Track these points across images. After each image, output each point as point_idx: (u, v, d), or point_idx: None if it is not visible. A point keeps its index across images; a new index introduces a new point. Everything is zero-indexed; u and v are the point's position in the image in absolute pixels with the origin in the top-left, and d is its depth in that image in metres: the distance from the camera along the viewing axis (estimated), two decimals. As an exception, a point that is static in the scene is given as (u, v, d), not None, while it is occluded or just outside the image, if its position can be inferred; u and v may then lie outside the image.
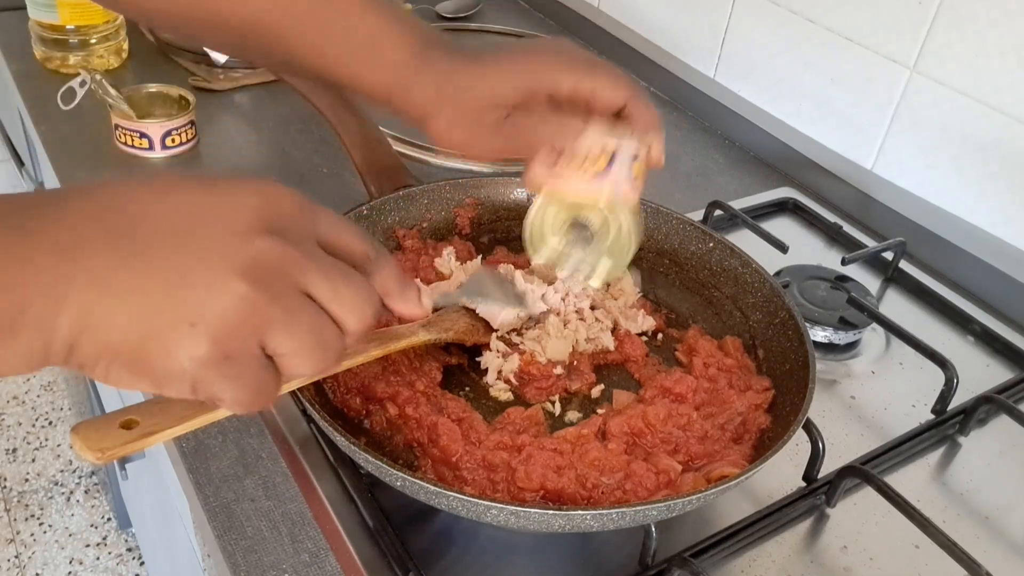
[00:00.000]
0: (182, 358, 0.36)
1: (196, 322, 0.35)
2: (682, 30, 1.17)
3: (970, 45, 0.83)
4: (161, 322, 0.35)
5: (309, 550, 0.56)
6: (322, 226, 0.41)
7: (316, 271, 0.39)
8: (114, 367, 0.36)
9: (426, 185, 0.75)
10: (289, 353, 0.38)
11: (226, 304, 0.36)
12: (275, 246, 0.37)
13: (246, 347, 0.37)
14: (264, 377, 0.38)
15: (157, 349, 0.36)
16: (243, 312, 0.36)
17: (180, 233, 0.36)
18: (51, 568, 1.74)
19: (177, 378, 0.36)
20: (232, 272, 0.36)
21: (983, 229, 0.87)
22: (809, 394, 0.58)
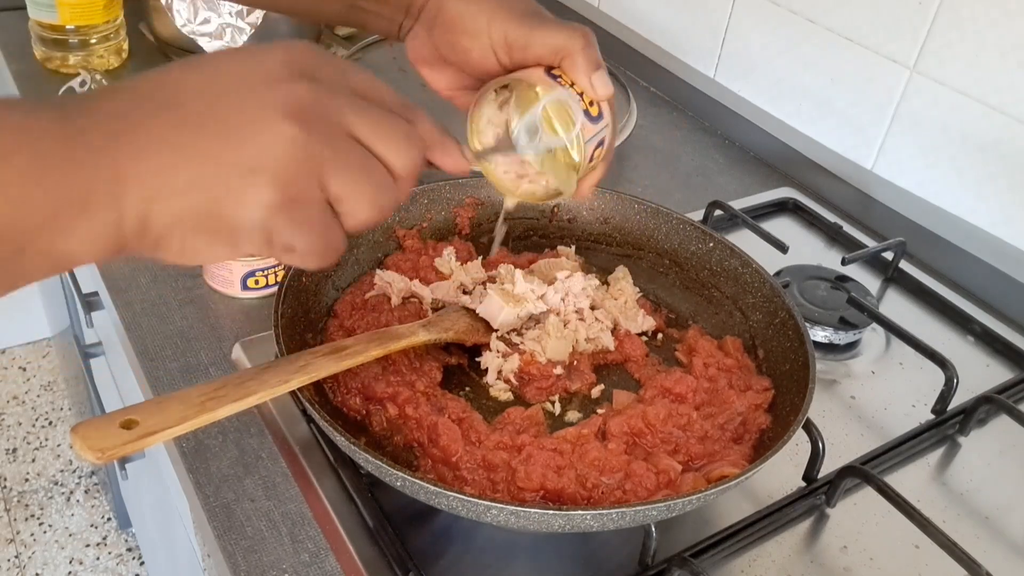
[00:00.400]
0: (251, 206, 0.37)
1: (255, 168, 0.37)
2: (682, 30, 1.17)
3: (970, 45, 0.83)
4: (222, 175, 0.36)
5: (309, 550, 0.56)
6: (353, 76, 0.41)
7: (356, 111, 0.40)
8: (189, 235, 0.37)
9: (426, 185, 0.75)
10: (348, 196, 0.39)
11: (278, 146, 0.37)
12: (311, 88, 0.38)
13: (308, 189, 0.38)
14: (331, 224, 0.39)
15: (225, 202, 0.37)
16: (296, 152, 0.37)
17: (223, 93, 0.37)
18: (51, 568, 1.74)
19: (250, 230, 0.37)
20: (276, 115, 0.37)
21: (983, 229, 0.87)
22: (809, 394, 0.58)
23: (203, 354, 0.70)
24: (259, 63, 0.39)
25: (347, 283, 0.70)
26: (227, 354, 0.70)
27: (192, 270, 0.77)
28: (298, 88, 0.38)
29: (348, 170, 0.39)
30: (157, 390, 0.67)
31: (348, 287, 0.69)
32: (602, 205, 0.78)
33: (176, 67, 0.39)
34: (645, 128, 1.09)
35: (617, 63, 1.23)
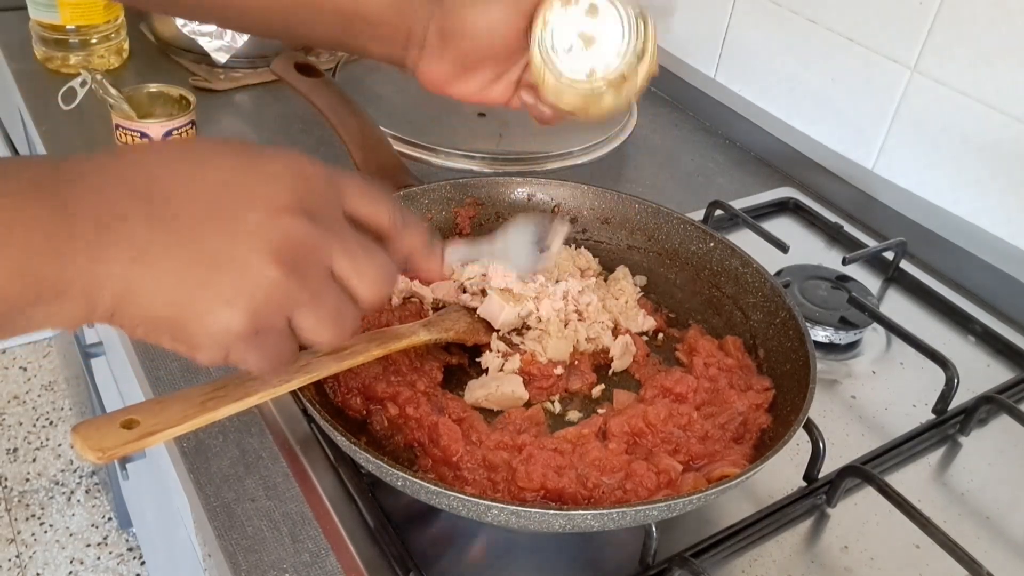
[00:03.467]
0: (218, 332, 0.39)
1: (232, 301, 0.38)
2: (682, 30, 1.17)
3: (970, 45, 0.83)
4: (200, 299, 0.38)
5: (310, 550, 0.56)
6: (349, 198, 0.43)
7: (340, 250, 0.41)
8: (153, 333, 0.39)
9: (426, 185, 0.75)
10: (312, 329, 0.41)
11: (260, 286, 0.38)
12: (304, 226, 0.39)
13: (274, 323, 0.40)
14: (287, 345, 0.42)
15: (195, 323, 0.38)
16: (275, 294, 0.39)
17: (214, 213, 0.38)
18: (52, 568, 1.74)
19: (212, 347, 0.39)
20: (265, 255, 0.38)
21: (984, 229, 0.87)
22: (810, 394, 0.58)
23: (204, 354, 0.70)
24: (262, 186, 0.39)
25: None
26: (228, 354, 0.70)
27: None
28: (292, 228, 0.39)
29: (320, 312, 0.41)
30: (158, 390, 0.67)
31: (349, 287, 0.69)
32: (602, 205, 0.78)
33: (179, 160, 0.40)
34: (645, 128, 1.09)
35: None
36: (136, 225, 0.37)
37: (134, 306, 0.38)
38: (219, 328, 0.39)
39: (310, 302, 0.40)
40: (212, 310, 0.38)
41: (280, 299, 0.39)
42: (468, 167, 0.91)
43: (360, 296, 0.43)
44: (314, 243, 0.40)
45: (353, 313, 0.43)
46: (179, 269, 0.37)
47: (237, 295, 0.38)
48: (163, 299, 0.38)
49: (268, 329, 0.40)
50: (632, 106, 1.05)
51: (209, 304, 0.38)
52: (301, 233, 0.39)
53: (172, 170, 0.39)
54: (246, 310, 0.38)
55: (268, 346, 0.41)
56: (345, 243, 0.42)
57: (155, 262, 0.37)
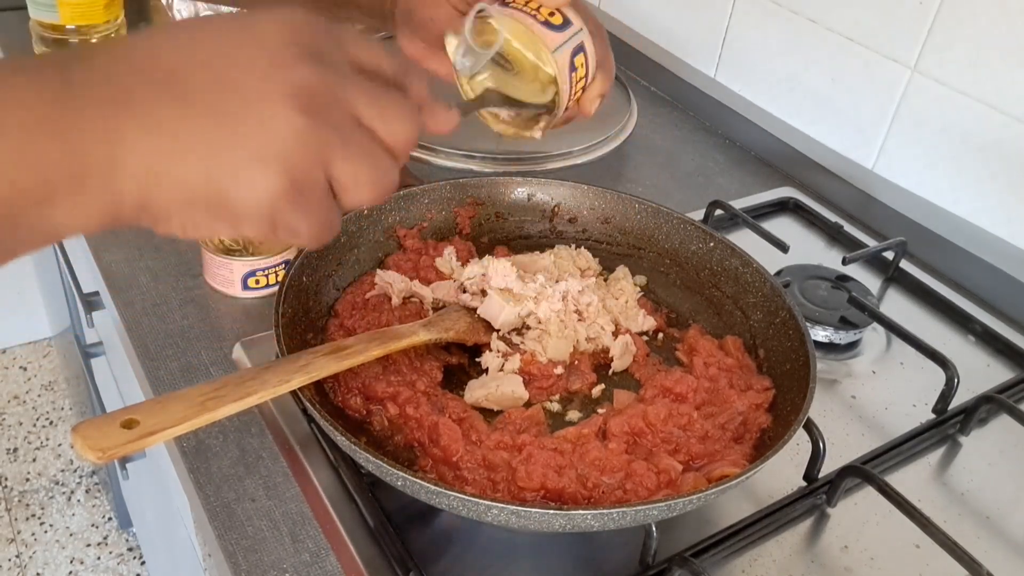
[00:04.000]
0: (258, 194, 0.36)
1: (265, 158, 0.36)
2: (683, 30, 1.17)
3: (970, 45, 0.83)
4: (232, 163, 0.36)
5: (310, 550, 0.56)
6: (351, 47, 0.41)
7: (360, 93, 0.39)
8: (190, 215, 0.37)
9: (427, 185, 0.75)
10: (351, 180, 0.39)
11: (286, 136, 0.36)
12: (316, 72, 0.38)
13: (314, 177, 0.38)
14: (331, 206, 0.39)
15: (231, 190, 0.36)
16: (304, 141, 0.37)
17: (224, 75, 0.36)
18: (52, 568, 1.74)
19: (256, 215, 0.37)
20: (284, 104, 0.36)
21: (984, 229, 0.87)
22: (810, 394, 0.58)
23: (203, 354, 0.70)
24: (262, 41, 0.38)
25: (348, 283, 0.70)
26: (227, 354, 0.70)
27: (193, 269, 0.77)
28: (304, 73, 0.37)
29: (352, 156, 0.39)
30: (158, 390, 0.67)
31: (349, 287, 0.69)
32: (602, 205, 0.78)
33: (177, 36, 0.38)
34: (646, 128, 1.09)
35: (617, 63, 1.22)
36: (148, 100, 0.35)
37: (163, 188, 0.35)
38: (259, 190, 0.36)
39: (343, 148, 0.38)
40: (248, 171, 0.36)
41: (313, 147, 0.37)
42: (468, 167, 0.91)
43: (392, 142, 0.41)
44: (332, 85, 0.38)
45: (389, 165, 0.40)
46: (202, 136, 0.35)
47: (268, 150, 0.36)
48: (193, 172, 0.35)
49: (309, 186, 0.38)
50: (632, 106, 1.05)
51: (243, 166, 0.36)
52: (316, 77, 0.37)
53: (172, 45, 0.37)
54: (281, 164, 0.36)
55: (313, 207, 0.38)
56: (362, 86, 0.39)
57: (175, 134, 0.35)
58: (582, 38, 0.58)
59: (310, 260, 0.66)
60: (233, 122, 0.36)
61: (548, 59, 0.56)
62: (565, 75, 0.57)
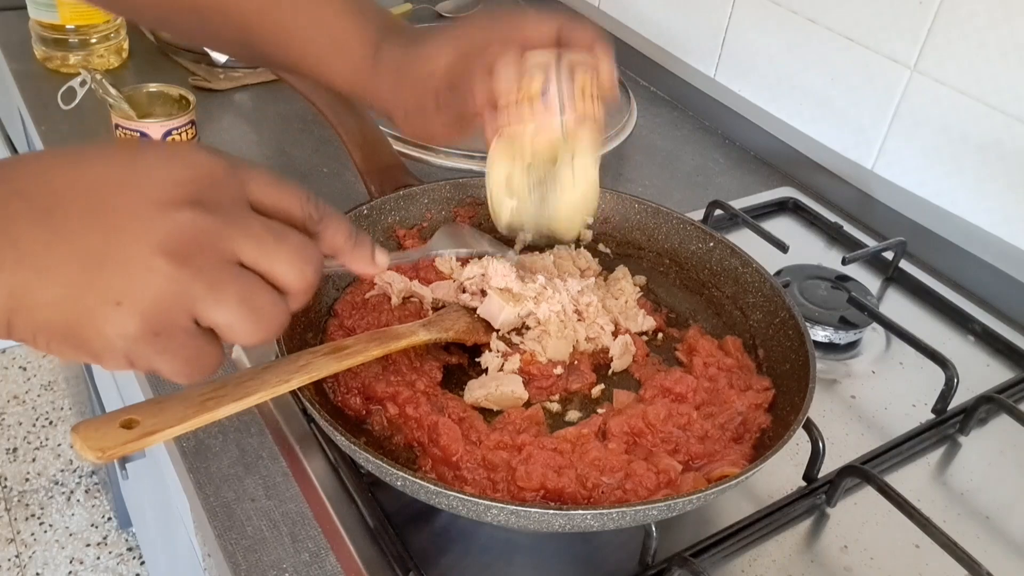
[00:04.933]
0: (112, 336, 0.36)
1: (121, 301, 0.36)
2: (682, 30, 1.17)
3: (970, 45, 0.83)
4: (87, 302, 0.36)
5: (309, 549, 0.56)
6: (254, 189, 0.40)
7: (243, 236, 0.38)
8: (52, 343, 0.37)
9: (426, 185, 0.75)
10: (224, 324, 0.38)
11: (148, 282, 0.36)
12: (195, 217, 0.37)
13: (175, 322, 0.37)
14: (201, 347, 0.38)
15: (87, 328, 0.36)
16: (165, 289, 0.36)
17: (98, 209, 0.36)
18: (51, 568, 1.74)
19: (112, 353, 0.37)
20: (151, 249, 0.36)
21: (983, 229, 0.87)
22: (809, 394, 0.58)
23: (203, 354, 0.70)
24: (149, 180, 0.37)
25: (347, 283, 0.70)
26: (227, 354, 0.70)
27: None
28: (180, 220, 0.36)
29: (224, 303, 0.38)
30: (157, 390, 0.67)
31: (348, 287, 0.69)
32: (602, 205, 0.78)
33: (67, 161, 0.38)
34: (645, 128, 1.10)
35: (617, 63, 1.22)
36: (24, 226, 0.35)
37: (25, 312, 0.36)
38: (113, 331, 0.36)
39: (209, 293, 0.37)
40: (102, 312, 0.36)
41: (173, 295, 0.36)
42: (468, 167, 0.91)
43: (280, 280, 0.40)
44: (208, 233, 0.37)
45: (274, 302, 0.39)
46: (63, 269, 0.35)
47: (125, 294, 0.36)
48: (51, 303, 0.36)
49: (168, 330, 0.37)
50: (632, 106, 1.05)
51: (98, 305, 0.36)
52: (190, 224, 0.37)
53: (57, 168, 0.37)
54: (137, 309, 0.36)
55: (176, 349, 0.38)
56: (248, 229, 0.39)
57: (40, 263, 0.35)
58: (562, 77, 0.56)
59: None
60: (97, 261, 0.36)
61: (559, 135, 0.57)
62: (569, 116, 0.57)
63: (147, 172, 0.37)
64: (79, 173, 0.37)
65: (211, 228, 0.37)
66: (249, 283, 0.39)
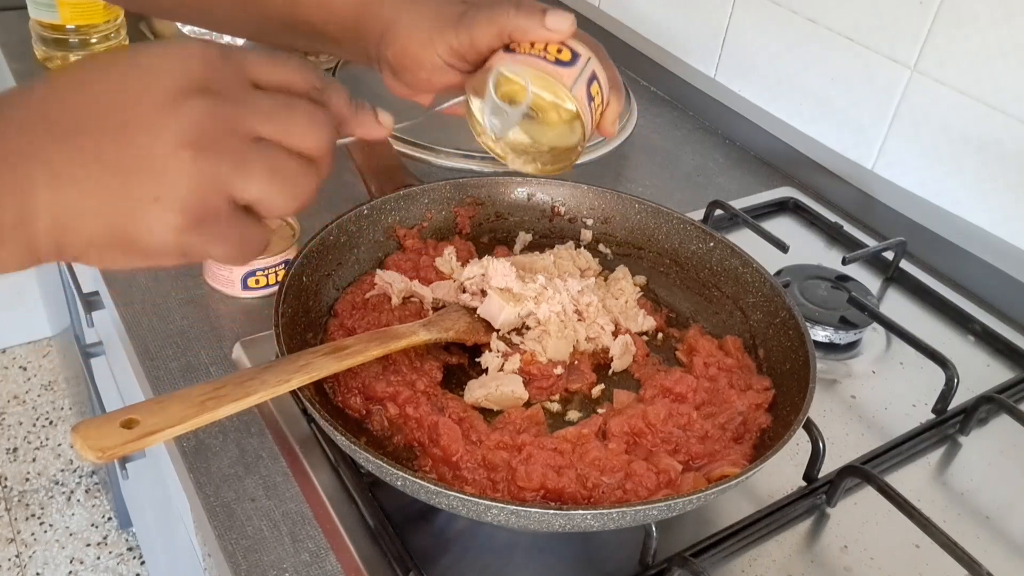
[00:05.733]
0: (160, 231, 0.38)
1: (158, 197, 0.37)
2: (682, 30, 1.17)
3: (970, 45, 0.83)
4: (128, 205, 0.37)
5: (309, 550, 0.56)
6: (253, 68, 0.41)
7: (255, 113, 0.40)
8: (105, 253, 0.39)
9: (426, 185, 0.75)
10: (260, 199, 0.40)
11: (177, 175, 0.37)
12: (205, 104, 0.38)
13: (215, 205, 0.39)
14: (245, 227, 0.40)
15: (135, 230, 0.38)
16: (197, 176, 0.38)
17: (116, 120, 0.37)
18: (52, 567, 1.74)
19: (164, 251, 0.39)
20: (172, 144, 0.37)
21: (983, 229, 0.87)
22: (809, 394, 0.58)
23: (203, 354, 0.70)
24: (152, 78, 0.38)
25: (347, 283, 0.70)
26: (227, 354, 0.70)
27: (193, 269, 0.77)
28: (193, 108, 0.38)
29: (254, 177, 0.39)
30: (157, 389, 0.67)
31: (348, 287, 0.69)
32: (602, 205, 0.78)
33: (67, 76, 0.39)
34: (645, 128, 1.10)
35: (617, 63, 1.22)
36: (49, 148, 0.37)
37: (72, 232, 0.37)
38: (158, 230, 0.38)
39: (242, 172, 0.39)
40: (143, 211, 0.37)
41: (206, 179, 0.38)
42: (468, 167, 0.91)
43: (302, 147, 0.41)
44: (220, 115, 0.38)
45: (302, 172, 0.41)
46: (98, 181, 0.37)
47: (160, 191, 0.37)
48: (95, 219, 0.37)
49: (211, 215, 0.39)
50: (632, 106, 1.05)
51: (138, 207, 0.37)
52: (202, 110, 0.38)
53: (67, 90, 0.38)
54: (175, 202, 0.37)
55: (223, 232, 0.39)
56: (259, 105, 0.40)
57: (73, 181, 0.37)
58: (592, 66, 0.58)
59: (310, 260, 0.66)
60: (125, 168, 0.37)
61: (568, 96, 0.56)
62: (586, 108, 0.57)
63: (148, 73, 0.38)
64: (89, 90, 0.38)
65: (222, 110, 0.39)
66: (273, 154, 0.40)
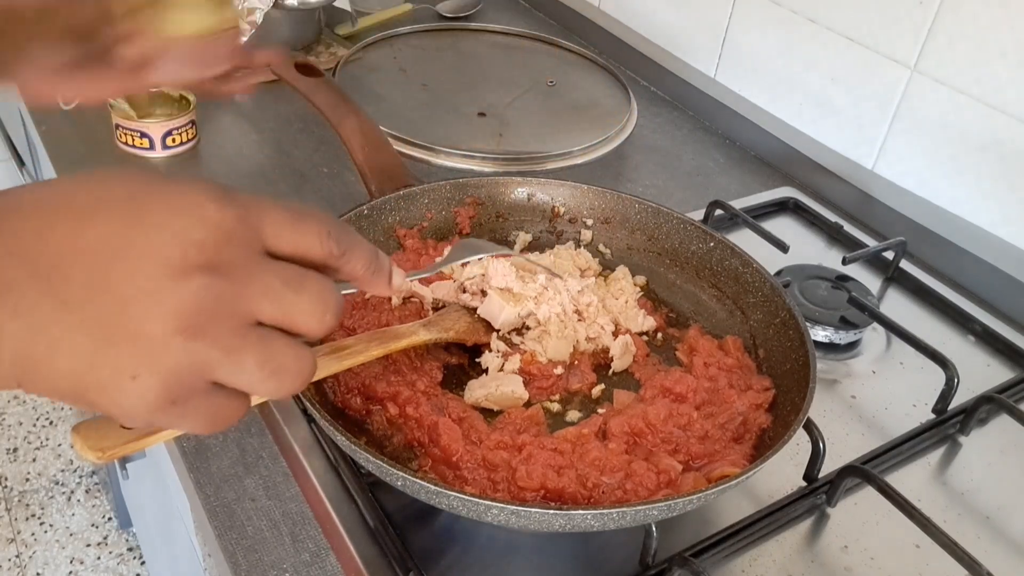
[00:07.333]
0: (131, 406, 0.35)
1: (137, 375, 0.34)
2: (682, 30, 1.17)
3: (970, 45, 0.83)
4: (100, 375, 0.34)
5: (310, 549, 0.56)
6: (269, 235, 0.38)
7: (260, 296, 0.37)
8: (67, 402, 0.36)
9: (426, 185, 0.75)
10: (246, 386, 0.37)
11: (163, 358, 0.34)
12: (208, 284, 0.35)
13: (194, 388, 0.36)
14: (220, 404, 0.37)
15: (103, 398, 0.35)
16: (182, 362, 0.35)
17: (104, 278, 0.34)
18: (52, 568, 1.74)
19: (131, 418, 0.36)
20: (164, 325, 0.34)
21: (983, 229, 0.87)
22: (810, 394, 0.58)
23: (204, 354, 0.70)
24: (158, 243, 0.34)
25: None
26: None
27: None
28: (193, 290, 0.34)
29: (244, 367, 0.36)
30: (158, 390, 0.67)
31: (349, 287, 0.69)
32: (602, 205, 0.78)
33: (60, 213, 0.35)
34: (645, 128, 1.10)
35: (617, 63, 1.23)
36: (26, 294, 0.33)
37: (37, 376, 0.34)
38: (129, 403, 0.35)
39: (227, 361, 0.36)
40: (117, 384, 0.34)
41: (189, 366, 0.35)
42: (468, 167, 0.91)
43: (302, 332, 0.38)
44: (223, 300, 0.35)
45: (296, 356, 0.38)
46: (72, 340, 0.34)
47: (140, 369, 0.34)
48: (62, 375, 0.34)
49: (188, 396, 0.36)
50: (632, 106, 1.05)
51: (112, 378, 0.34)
52: (203, 293, 0.35)
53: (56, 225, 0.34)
54: (154, 383, 0.35)
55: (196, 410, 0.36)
56: (265, 287, 0.37)
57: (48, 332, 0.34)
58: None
59: (310, 260, 0.65)
60: (108, 334, 0.34)
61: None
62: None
63: (153, 234, 0.35)
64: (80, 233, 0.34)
65: (226, 294, 0.35)
66: (269, 345, 0.37)
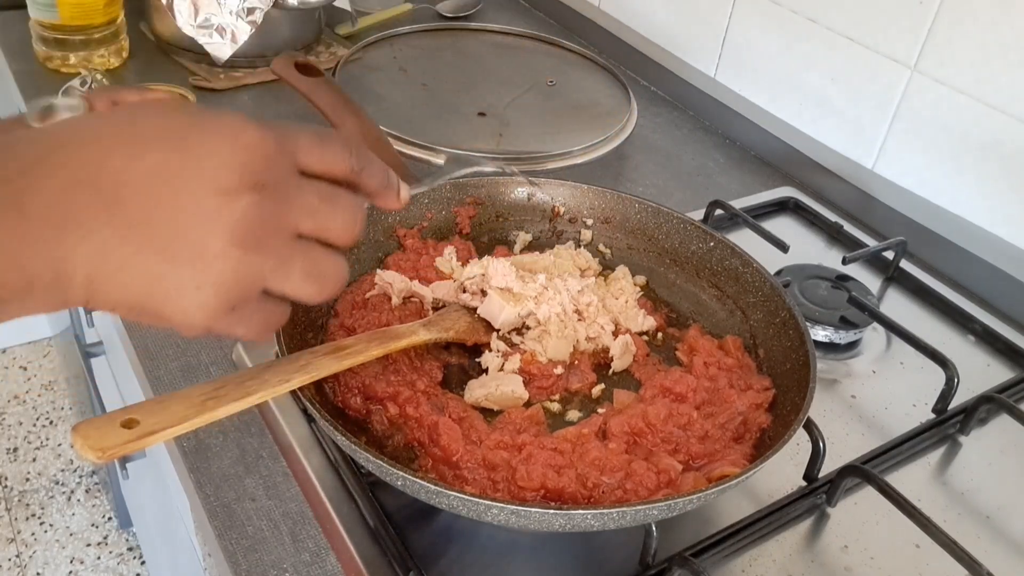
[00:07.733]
0: (193, 314, 0.39)
1: (199, 286, 0.38)
2: (683, 30, 1.17)
3: (971, 44, 0.83)
4: (166, 287, 0.38)
5: (310, 549, 0.56)
6: (302, 158, 0.43)
7: (300, 211, 0.41)
8: (133, 315, 0.39)
9: (427, 185, 0.75)
10: (291, 292, 0.42)
11: (223, 269, 0.39)
12: (257, 201, 0.39)
13: (248, 297, 0.40)
14: (271, 309, 0.43)
15: (168, 308, 0.39)
16: (240, 272, 0.39)
17: (163, 201, 0.38)
18: (52, 567, 1.74)
19: (192, 326, 0.40)
20: (222, 239, 0.38)
21: (984, 228, 0.87)
22: (810, 393, 0.58)
23: (204, 354, 0.70)
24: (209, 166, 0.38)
25: (348, 282, 0.69)
26: (228, 354, 0.70)
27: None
28: (245, 207, 0.39)
29: (292, 276, 0.41)
30: (158, 389, 0.67)
31: (349, 286, 0.69)
32: (602, 205, 0.78)
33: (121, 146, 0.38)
34: (645, 128, 1.09)
35: (617, 63, 1.23)
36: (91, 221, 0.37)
37: (105, 294, 0.38)
38: (193, 311, 0.39)
39: (279, 269, 0.41)
40: (180, 296, 0.38)
41: (247, 276, 0.39)
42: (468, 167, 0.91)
43: (336, 241, 0.44)
44: (270, 215, 0.40)
45: (334, 264, 0.43)
46: (138, 260, 0.37)
47: (202, 281, 0.38)
48: (130, 288, 0.38)
49: (245, 303, 0.40)
50: (632, 106, 1.05)
51: (177, 290, 0.38)
52: (254, 211, 0.39)
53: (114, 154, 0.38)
54: (215, 293, 0.39)
55: (251, 316, 0.41)
56: (303, 202, 0.42)
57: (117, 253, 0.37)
58: None
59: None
60: (173, 255, 0.38)
61: None
62: None
63: (205, 159, 0.39)
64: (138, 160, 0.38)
65: (273, 210, 0.40)
66: (312, 254, 0.42)
